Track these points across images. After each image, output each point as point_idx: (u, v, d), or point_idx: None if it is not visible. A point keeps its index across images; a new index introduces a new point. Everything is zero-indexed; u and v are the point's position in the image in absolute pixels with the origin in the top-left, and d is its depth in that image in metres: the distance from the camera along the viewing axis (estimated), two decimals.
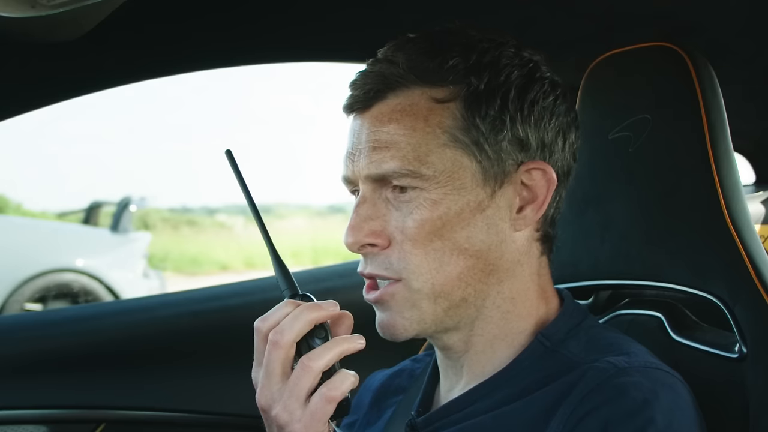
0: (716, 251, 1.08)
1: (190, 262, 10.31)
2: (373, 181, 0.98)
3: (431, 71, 0.96)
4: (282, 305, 0.94)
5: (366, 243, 0.97)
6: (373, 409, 1.18)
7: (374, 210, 0.98)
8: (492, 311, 1.00)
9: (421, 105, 0.96)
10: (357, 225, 0.97)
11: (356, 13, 1.56)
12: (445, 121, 0.96)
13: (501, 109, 0.97)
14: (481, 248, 0.97)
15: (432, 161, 0.95)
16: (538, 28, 1.61)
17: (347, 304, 1.01)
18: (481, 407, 0.98)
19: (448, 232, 0.96)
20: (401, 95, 0.97)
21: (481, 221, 0.97)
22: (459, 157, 0.96)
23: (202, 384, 1.81)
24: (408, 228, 0.96)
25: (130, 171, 15.19)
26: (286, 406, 0.90)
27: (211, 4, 1.46)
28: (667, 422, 0.88)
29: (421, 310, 0.98)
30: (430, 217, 0.95)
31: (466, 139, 0.96)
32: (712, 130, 1.10)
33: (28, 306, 5.60)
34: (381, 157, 0.96)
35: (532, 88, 0.99)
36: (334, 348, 0.91)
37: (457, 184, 0.96)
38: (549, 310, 1.03)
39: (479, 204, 0.97)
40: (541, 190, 0.99)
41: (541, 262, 1.04)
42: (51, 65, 1.46)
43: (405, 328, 0.99)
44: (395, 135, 0.96)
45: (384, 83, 0.97)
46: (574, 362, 0.96)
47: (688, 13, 1.53)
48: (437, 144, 0.96)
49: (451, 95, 0.96)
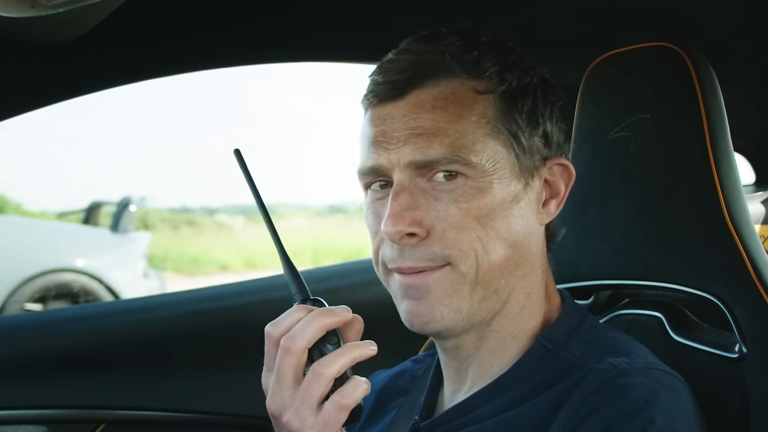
0: (716, 251, 1.08)
1: (190, 262, 10.31)
2: (414, 169, 0.97)
3: (471, 63, 0.98)
4: (293, 310, 0.93)
5: (408, 232, 0.96)
6: (376, 411, 1.17)
7: (413, 199, 0.97)
8: (513, 306, 1.01)
9: (464, 94, 0.98)
10: (399, 214, 0.96)
11: (357, 13, 1.56)
12: (488, 111, 0.98)
13: (534, 105, 1.00)
14: (517, 239, 0.99)
15: (478, 149, 0.96)
16: (538, 29, 1.61)
17: (348, 303, 1.00)
18: (485, 412, 0.98)
19: (491, 221, 0.97)
20: (442, 84, 0.98)
21: (517, 212, 0.99)
22: (500, 148, 0.98)
23: (202, 384, 1.81)
24: (452, 215, 0.96)
25: (130, 171, 15.19)
26: (297, 413, 0.89)
27: (210, 4, 1.46)
28: (667, 422, 0.88)
29: (461, 297, 0.97)
30: (476, 205, 0.96)
31: (506, 130, 0.98)
32: (712, 130, 1.10)
33: (28, 306, 5.60)
34: (427, 144, 0.96)
35: (551, 89, 1.03)
36: (347, 354, 0.90)
37: (499, 173, 0.97)
38: (551, 310, 1.04)
39: (516, 195, 0.99)
40: (562, 184, 1.03)
41: (546, 259, 1.06)
42: (51, 65, 1.46)
43: (442, 316, 0.97)
44: (441, 122, 0.96)
45: (424, 70, 0.98)
46: (575, 364, 0.96)
47: (688, 13, 1.53)
48: (482, 133, 0.97)
49: (488, 88, 0.99)
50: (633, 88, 1.19)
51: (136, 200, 6.90)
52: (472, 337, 1.01)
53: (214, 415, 1.80)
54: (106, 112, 18.44)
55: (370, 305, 1.03)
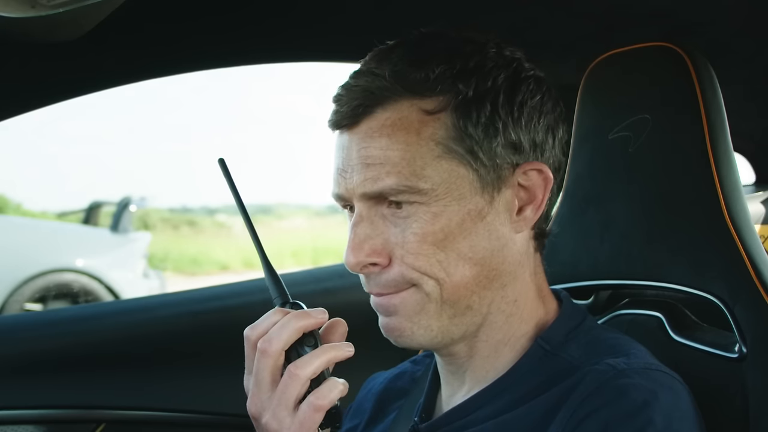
0: (716, 251, 1.08)
1: (190, 262, 10.32)
2: (369, 199, 0.96)
3: (419, 82, 0.94)
4: (271, 313, 0.95)
5: (368, 263, 0.96)
6: (376, 413, 1.17)
7: (372, 228, 0.96)
8: (497, 316, 0.99)
9: (412, 118, 0.94)
10: (357, 245, 0.96)
11: (357, 14, 1.56)
12: (438, 132, 0.94)
13: (492, 114, 0.95)
14: (484, 255, 0.96)
15: (428, 174, 0.93)
16: (538, 29, 1.61)
17: (347, 304, 1.01)
18: (484, 414, 0.98)
19: (451, 243, 0.94)
20: (390, 109, 0.94)
21: (482, 229, 0.96)
22: (455, 167, 0.94)
23: (202, 384, 1.81)
24: (409, 243, 0.94)
25: (130, 171, 15.20)
26: (275, 414, 0.90)
27: (210, 6, 1.46)
28: (666, 423, 0.88)
29: (429, 316, 0.96)
30: (432, 230, 0.94)
31: (460, 148, 0.94)
32: (712, 130, 1.10)
33: (28, 306, 5.60)
34: (376, 174, 0.94)
35: (520, 89, 0.97)
36: (322, 356, 0.92)
37: (456, 194, 0.94)
38: (548, 312, 1.03)
39: (479, 212, 0.96)
40: (539, 189, 0.98)
41: (536, 260, 1.03)
42: (51, 65, 1.46)
43: (412, 332, 0.97)
44: (388, 150, 0.93)
45: (370, 98, 0.95)
46: (573, 366, 0.95)
47: (688, 12, 1.53)
48: (432, 156, 0.93)
49: (440, 105, 0.94)
50: (633, 88, 1.19)
51: (136, 200, 6.90)
52: (461, 346, 1.01)
53: (214, 415, 1.80)
54: (106, 112, 18.47)
55: (369, 305, 1.03)
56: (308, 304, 0.98)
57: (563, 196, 1.26)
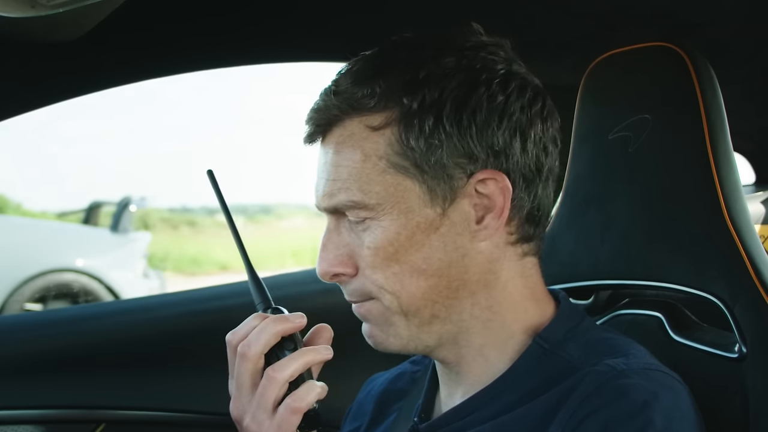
0: (716, 251, 1.08)
1: (190, 262, 10.32)
2: (332, 212, 0.99)
3: (366, 98, 0.94)
4: (251, 318, 0.98)
5: (334, 272, 0.98)
6: (377, 415, 1.17)
7: (339, 239, 0.98)
8: (471, 323, 0.99)
9: (358, 135, 0.95)
10: (324, 256, 0.98)
11: (356, 14, 1.56)
12: (380, 148, 0.94)
13: (435, 126, 0.93)
14: (440, 266, 0.96)
15: (374, 190, 0.94)
16: (537, 29, 1.61)
17: (346, 304, 1.01)
18: (482, 416, 0.98)
19: (403, 256, 0.95)
20: (341, 127, 0.96)
21: (436, 240, 0.95)
22: (401, 181, 0.94)
23: (202, 384, 1.81)
24: (366, 256, 0.96)
25: (130, 171, 15.20)
26: (254, 417, 0.93)
27: (211, 6, 1.46)
28: (666, 424, 0.88)
29: (396, 326, 0.98)
30: (382, 244, 0.95)
31: (404, 162, 0.94)
32: (712, 130, 1.10)
33: (28, 306, 5.60)
34: (332, 190, 0.97)
35: (474, 95, 0.94)
36: (300, 359, 0.94)
37: (403, 207, 0.94)
38: (543, 313, 1.02)
39: (431, 224, 0.95)
40: (498, 198, 0.96)
41: (525, 264, 1.01)
42: (51, 65, 1.46)
43: (385, 341, 1.00)
44: (339, 167, 0.96)
45: (326, 118, 0.97)
46: (573, 366, 0.95)
47: (688, 13, 1.53)
48: (377, 172, 0.94)
49: (386, 120, 0.94)
50: (633, 88, 1.19)
51: (136, 200, 6.91)
52: (445, 352, 1.01)
53: (214, 415, 1.80)
54: (106, 112, 18.46)
55: None
56: (308, 305, 1.00)
57: (563, 196, 1.26)
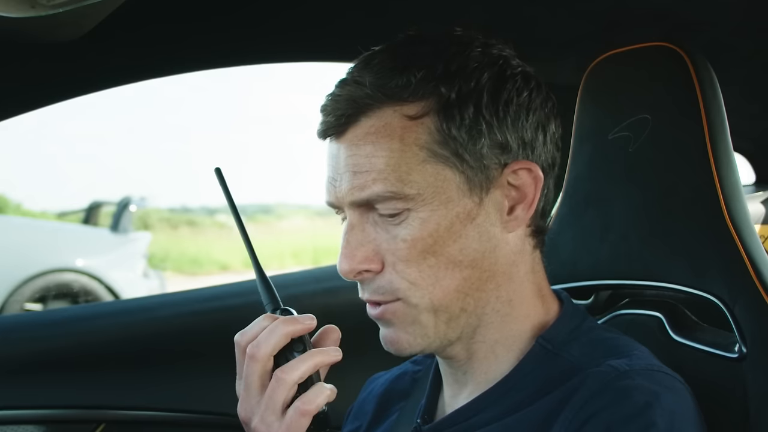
0: (716, 251, 1.08)
1: (190, 262, 10.32)
2: (358, 207, 0.96)
3: (400, 88, 0.94)
4: (260, 319, 0.96)
5: (360, 269, 0.97)
6: (378, 414, 1.17)
7: (363, 235, 0.96)
8: (492, 317, 0.99)
9: (395, 124, 0.94)
10: (349, 253, 0.96)
11: (356, 14, 1.56)
12: (421, 137, 0.94)
13: (476, 116, 0.95)
14: (475, 257, 0.96)
15: (414, 179, 0.93)
16: (538, 28, 1.61)
17: (347, 304, 1.01)
18: (487, 417, 0.98)
19: (441, 247, 0.95)
20: (373, 117, 0.95)
21: (472, 231, 0.96)
22: (441, 171, 0.94)
23: (202, 384, 1.81)
24: (399, 249, 0.95)
25: (130, 171, 15.19)
26: (263, 419, 0.92)
27: (211, 6, 1.46)
28: (668, 425, 0.88)
29: (423, 325, 0.97)
30: (421, 236, 0.94)
31: (444, 152, 0.94)
32: (712, 130, 1.10)
33: (28, 306, 5.60)
34: (362, 182, 0.94)
35: (505, 87, 0.96)
36: (309, 360, 0.93)
37: (443, 198, 0.94)
38: (548, 312, 1.03)
39: (468, 214, 0.96)
40: (529, 188, 0.98)
41: (535, 258, 1.03)
42: (51, 65, 1.46)
43: (409, 344, 0.98)
44: (373, 158, 0.94)
45: (354, 107, 0.95)
46: (575, 367, 0.95)
47: (688, 12, 1.54)
48: (417, 161, 0.94)
49: (423, 110, 0.94)
50: (633, 88, 1.19)
51: (136, 200, 6.91)
52: (459, 349, 1.01)
53: (214, 415, 1.80)
54: (106, 112, 18.46)
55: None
56: (308, 304, 0.99)
57: (563, 196, 1.26)
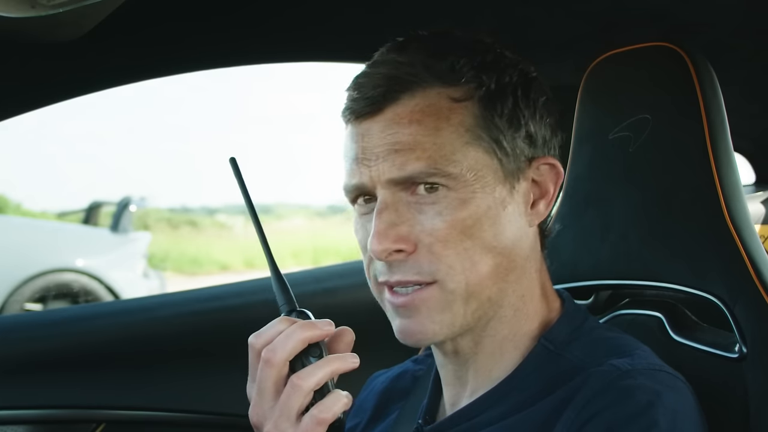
0: (716, 251, 1.08)
1: (190, 262, 10.31)
2: (395, 185, 0.95)
3: (446, 71, 0.96)
4: (276, 322, 0.94)
5: (394, 249, 0.95)
6: (377, 412, 1.17)
7: (397, 215, 0.96)
8: (506, 310, 1.00)
9: (442, 104, 0.96)
10: (383, 231, 0.95)
11: (356, 14, 1.56)
12: (466, 119, 0.96)
13: (514, 106, 0.98)
14: (506, 245, 0.97)
15: (458, 159, 0.94)
16: (537, 28, 1.61)
17: (347, 304, 1.01)
18: (489, 417, 0.98)
19: (478, 230, 0.95)
20: (418, 96, 0.95)
21: (504, 218, 0.97)
22: (481, 155, 0.96)
23: (202, 384, 1.81)
24: (438, 229, 0.94)
25: (130, 171, 15.19)
26: (277, 425, 0.90)
27: (211, 6, 1.46)
28: (670, 425, 0.88)
29: (453, 312, 0.96)
30: (461, 217, 0.94)
31: (486, 136, 0.96)
32: (712, 130, 1.10)
33: (28, 306, 5.60)
34: (405, 159, 0.94)
35: (532, 86, 1.00)
36: (326, 367, 0.91)
37: (482, 182, 0.96)
38: (551, 311, 1.03)
39: (503, 201, 0.97)
40: (551, 184, 1.01)
41: (541, 257, 1.04)
42: (51, 65, 1.46)
43: (435, 333, 0.97)
44: (418, 136, 0.94)
45: (398, 84, 0.96)
46: (578, 366, 0.95)
47: (688, 13, 1.54)
48: (461, 143, 0.95)
49: (466, 94, 0.96)
50: (633, 88, 1.19)
51: (136, 200, 6.91)
52: (468, 341, 1.00)
53: (213, 415, 1.80)
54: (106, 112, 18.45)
55: (369, 305, 1.03)
56: (308, 304, 0.98)
57: (563, 196, 1.26)
